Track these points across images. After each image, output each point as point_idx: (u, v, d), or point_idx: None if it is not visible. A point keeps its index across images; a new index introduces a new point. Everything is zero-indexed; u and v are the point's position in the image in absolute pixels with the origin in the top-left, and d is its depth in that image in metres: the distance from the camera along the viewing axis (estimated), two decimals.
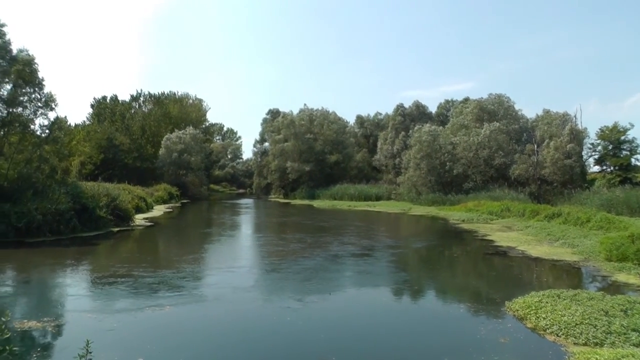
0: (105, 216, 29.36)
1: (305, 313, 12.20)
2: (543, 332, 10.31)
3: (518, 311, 11.78)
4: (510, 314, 11.87)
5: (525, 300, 12.35)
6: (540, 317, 10.96)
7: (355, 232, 30.79)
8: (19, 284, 16.66)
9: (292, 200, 68.10)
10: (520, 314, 11.59)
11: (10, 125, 29.71)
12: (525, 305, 11.92)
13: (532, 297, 12.52)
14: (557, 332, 10.05)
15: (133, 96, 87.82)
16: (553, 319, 10.67)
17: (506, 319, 11.55)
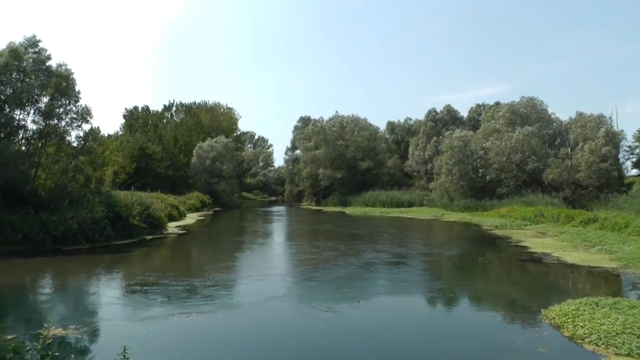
0: (139, 224, 29.81)
1: (338, 321, 12.16)
2: (581, 341, 10.00)
3: (554, 319, 11.47)
4: (547, 322, 11.60)
5: (561, 308, 12.05)
6: (578, 326, 10.62)
7: (388, 239, 30.57)
8: (56, 290, 17.21)
9: (324, 207, 68.10)
10: (557, 322, 11.28)
11: (48, 136, 30.54)
12: (562, 313, 11.61)
13: (568, 304, 12.22)
14: (597, 342, 9.69)
15: (165, 106, 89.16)
16: (592, 327, 10.33)
17: (542, 327, 11.29)
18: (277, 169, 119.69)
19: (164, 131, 78.09)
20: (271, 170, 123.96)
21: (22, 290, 16.80)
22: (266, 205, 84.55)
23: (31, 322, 12.30)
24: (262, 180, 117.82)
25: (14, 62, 28.49)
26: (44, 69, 29.41)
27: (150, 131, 77.33)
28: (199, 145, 73.10)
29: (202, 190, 66.38)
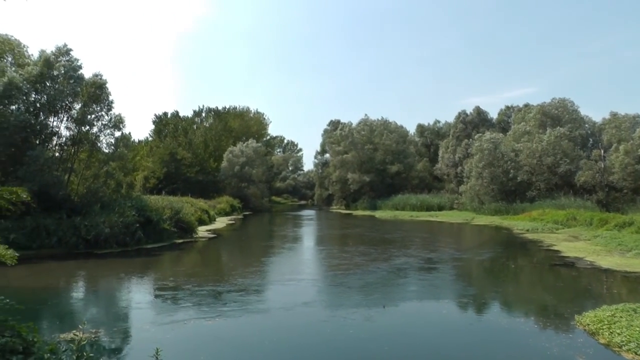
0: (169, 228, 30.14)
1: (368, 326, 12.06)
2: (618, 349, 9.63)
3: (589, 325, 11.14)
4: (581, 328, 11.29)
5: (596, 314, 11.71)
6: (615, 333, 10.24)
7: (418, 243, 30.33)
8: (88, 293, 17.57)
9: (354, 211, 67.92)
10: (592, 328, 10.93)
11: (80, 143, 31.10)
12: (597, 319, 11.26)
13: (604, 311, 11.88)
14: (636, 350, 9.25)
15: (195, 111, 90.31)
16: (630, 335, 9.91)
17: (576, 333, 10.99)
18: (307, 172, 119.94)
19: (194, 136, 78.90)
20: (301, 174, 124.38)
21: (56, 293, 17.13)
22: (296, 209, 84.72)
23: (65, 323, 12.50)
24: (292, 184, 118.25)
25: (47, 70, 29.22)
26: (75, 76, 29.98)
27: (181, 136, 78.19)
28: (229, 149, 73.67)
29: (232, 195, 66.90)
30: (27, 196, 8.52)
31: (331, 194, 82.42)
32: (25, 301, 7.10)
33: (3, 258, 8.55)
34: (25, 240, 23.70)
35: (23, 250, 17.08)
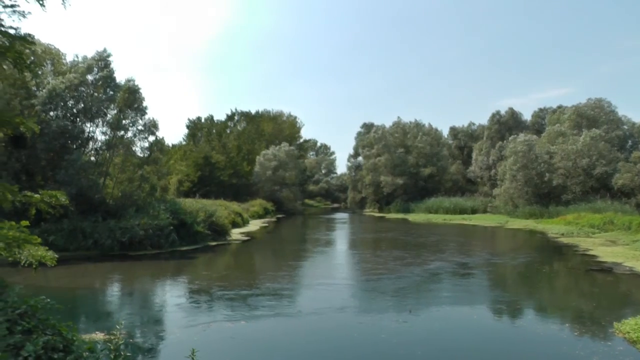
0: (203, 231, 30.57)
1: (400, 331, 12.09)
2: None
3: (629, 333, 10.88)
4: (620, 336, 11.07)
5: (637, 321, 11.46)
6: None
7: (452, 247, 30.05)
8: (123, 294, 18.04)
9: (387, 214, 67.70)
10: (632, 336, 10.69)
11: (115, 147, 31.79)
12: (638, 327, 11.03)
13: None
14: None
15: (228, 115, 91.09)
16: None
17: (615, 341, 10.78)
18: (340, 176, 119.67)
19: (227, 140, 79.60)
20: (334, 177, 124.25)
21: (93, 293, 17.68)
22: (329, 212, 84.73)
23: (101, 323, 12.87)
24: (325, 188, 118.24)
25: (87, 77, 30.34)
26: (112, 83, 30.96)
27: (214, 140, 78.96)
28: (262, 153, 74.18)
29: (265, 198, 67.34)
30: (65, 200, 8.82)
31: (364, 197, 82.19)
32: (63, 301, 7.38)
33: (44, 259, 8.87)
34: (62, 242, 24.53)
35: (61, 251, 17.58)
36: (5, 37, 7.25)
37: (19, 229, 8.67)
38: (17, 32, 7.33)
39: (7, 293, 6.79)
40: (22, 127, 8.47)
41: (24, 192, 8.50)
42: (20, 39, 7.41)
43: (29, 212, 8.86)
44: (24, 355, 5.47)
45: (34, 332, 6.12)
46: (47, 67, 31.75)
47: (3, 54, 7.26)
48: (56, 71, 31.83)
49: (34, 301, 6.76)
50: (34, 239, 8.82)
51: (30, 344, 5.68)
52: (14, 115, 8.89)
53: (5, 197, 8.01)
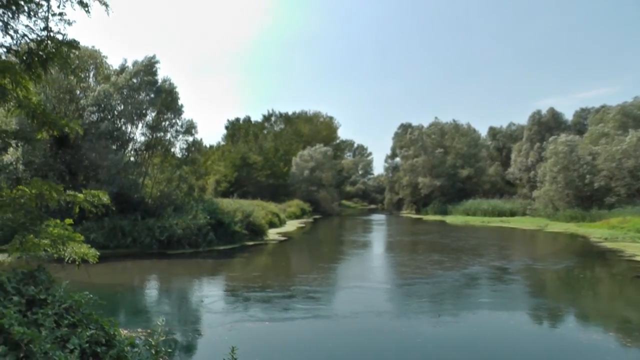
0: (240, 231, 31.05)
1: (436, 336, 12.08)
2: None
3: None
4: None
5: None
6: None
7: (490, 251, 29.58)
8: (162, 291, 18.52)
9: (424, 216, 67.17)
10: None
11: (154, 148, 32.55)
12: None
13: None
14: None
15: (265, 116, 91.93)
16: None
17: None
18: (377, 177, 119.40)
19: (264, 141, 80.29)
20: (371, 178, 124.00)
21: (132, 290, 18.23)
22: (365, 213, 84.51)
23: (140, 319, 13.26)
24: (362, 189, 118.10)
25: (132, 81, 31.43)
26: (155, 87, 31.93)
27: (251, 141, 79.74)
28: (299, 154, 74.69)
29: (302, 198, 67.80)
30: (107, 199, 9.17)
31: (401, 198, 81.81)
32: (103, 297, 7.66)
33: (86, 256, 9.23)
34: (103, 240, 25.38)
35: (101, 249, 18.06)
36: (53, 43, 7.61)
37: (64, 226, 9.07)
38: (64, 38, 7.68)
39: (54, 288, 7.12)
40: (67, 128, 8.84)
41: (68, 191, 8.87)
42: (66, 45, 7.76)
43: (72, 210, 9.23)
44: (70, 347, 5.74)
45: (79, 326, 6.40)
46: (90, 70, 32.71)
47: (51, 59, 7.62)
48: (99, 75, 32.80)
49: (78, 296, 7.05)
50: (78, 236, 9.21)
51: (76, 337, 5.95)
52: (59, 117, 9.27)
53: (52, 196, 8.39)
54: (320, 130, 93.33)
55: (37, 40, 7.59)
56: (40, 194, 8.34)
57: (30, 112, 8.32)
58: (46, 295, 6.71)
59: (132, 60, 32.61)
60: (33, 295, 6.57)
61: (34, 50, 7.55)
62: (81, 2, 7.51)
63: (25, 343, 4.99)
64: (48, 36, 7.61)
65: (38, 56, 7.54)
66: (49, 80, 24.90)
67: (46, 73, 7.93)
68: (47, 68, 7.72)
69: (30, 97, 8.26)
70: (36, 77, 7.93)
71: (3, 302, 5.90)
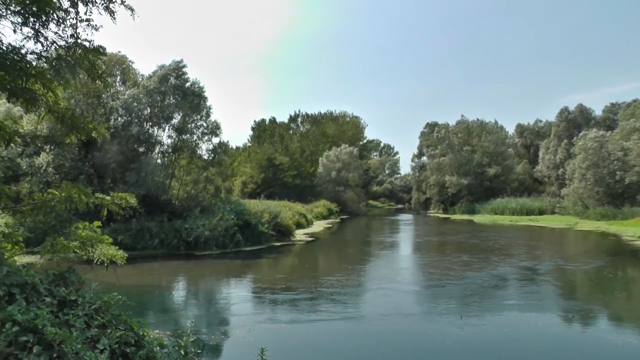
0: (267, 231, 31.32)
1: (465, 338, 12.04)
2: None
3: None
4: None
5: None
6: None
7: (519, 250, 29.27)
8: (189, 292, 18.81)
9: (452, 215, 66.89)
10: None
11: (180, 150, 33.00)
12: None
13: None
14: None
15: (291, 116, 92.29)
16: None
17: None
18: (404, 176, 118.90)
19: (290, 142, 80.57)
20: (397, 178, 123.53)
21: (160, 291, 18.50)
22: (393, 213, 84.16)
23: (167, 320, 13.50)
24: (389, 188, 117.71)
25: (160, 85, 32.01)
26: (182, 91, 32.40)
27: (277, 142, 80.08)
28: (325, 154, 74.84)
29: (328, 199, 67.89)
30: (135, 202, 9.38)
31: (428, 198, 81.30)
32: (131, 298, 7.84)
33: (115, 258, 9.45)
34: (130, 241, 25.88)
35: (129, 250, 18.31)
36: (80, 49, 7.83)
37: (92, 229, 9.30)
38: (91, 44, 7.89)
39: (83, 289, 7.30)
40: (94, 132, 9.07)
41: (97, 194, 9.10)
42: (93, 51, 7.97)
43: (101, 213, 9.45)
44: (100, 348, 5.89)
45: (109, 327, 6.55)
46: (117, 75, 33.31)
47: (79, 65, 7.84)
48: (125, 79, 33.41)
49: (108, 297, 7.21)
50: (106, 238, 9.43)
51: (106, 338, 6.09)
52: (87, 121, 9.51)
53: (81, 199, 8.62)
54: (346, 130, 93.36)
55: (65, 46, 7.81)
56: (69, 197, 8.58)
57: (59, 117, 8.56)
58: (76, 297, 6.88)
59: (159, 65, 33.13)
60: (64, 296, 6.74)
61: (62, 57, 7.77)
62: (107, 7, 7.71)
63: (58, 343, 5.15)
64: (76, 42, 7.82)
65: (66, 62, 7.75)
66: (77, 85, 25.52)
67: (74, 78, 8.15)
68: (75, 73, 7.93)
69: (59, 102, 8.51)
70: (65, 83, 8.16)
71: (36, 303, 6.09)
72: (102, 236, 9.37)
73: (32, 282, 6.54)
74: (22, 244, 9.24)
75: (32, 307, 5.79)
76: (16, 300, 5.80)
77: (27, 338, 5.06)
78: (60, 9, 7.49)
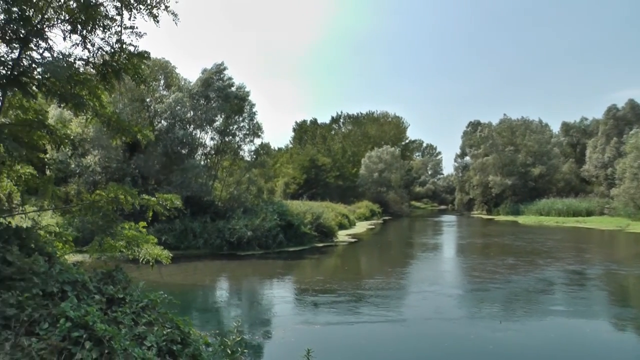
0: (310, 232, 31.55)
1: (509, 343, 11.91)
2: None
3: None
4: None
5: None
6: None
7: (566, 253, 28.44)
8: (233, 292, 19.19)
9: (496, 217, 65.68)
10: None
11: (223, 152, 33.57)
12: None
13: None
14: None
15: (333, 118, 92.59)
16: None
17: None
18: (447, 176, 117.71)
19: (332, 142, 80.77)
20: (440, 179, 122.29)
21: (203, 290, 18.91)
22: (435, 214, 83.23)
23: (211, 318, 13.80)
24: (431, 189, 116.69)
25: (203, 89, 32.81)
26: (225, 94, 32.93)
27: (319, 143, 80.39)
28: (367, 155, 74.74)
29: (371, 200, 67.72)
30: (180, 203, 9.63)
31: (472, 199, 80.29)
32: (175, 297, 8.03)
33: (160, 257, 9.73)
34: (174, 241, 26.43)
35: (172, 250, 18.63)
36: (125, 55, 8.13)
37: (138, 229, 9.60)
38: (135, 50, 8.19)
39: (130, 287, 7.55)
40: (140, 135, 9.37)
41: (142, 195, 9.39)
42: (137, 56, 8.26)
43: (146, 213, 9.74)
44: (147, 345, 6.11)
45: (155, 324, 6.76)
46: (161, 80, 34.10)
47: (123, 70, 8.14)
48: (168, 84, 34.20)
49: (154, 296, 7.45)
50: (151, 238, 9.73)
51: (153, 335, 6.31)
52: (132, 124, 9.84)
53: (127, 200, 8.92)
54: (388, 131, 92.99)
55: (110, 52, 8.12)
56: (116, 198, 8.88)
57: (105, 121, 8.89)
58: (124, 295, 7.12)
59: (202, 68, 33.81)
60: (112, 294, 7.00)
61: (108, 62, 8.09)
62: (151, 13, 7.98)
63: (107, 340, 5.37)
64: (121, 48, 8.12)
65: (112, 67, 8.07)
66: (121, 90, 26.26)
67: (119, 83, 8.46)
68: (120, 78, 8.23)
69: (105, 106, 8.84)
70: (110, 88, 8.49)
71: (86, 300, 6.35)
72: (147, 236, 9.67)
73: (83, 280, 6.82)
74: (72, 243, 9.62)
75: (82, 304, 6.05)
76: (68, 297, 6.07)
77: (79, 333, 5.29)
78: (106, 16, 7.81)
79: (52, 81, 7.64)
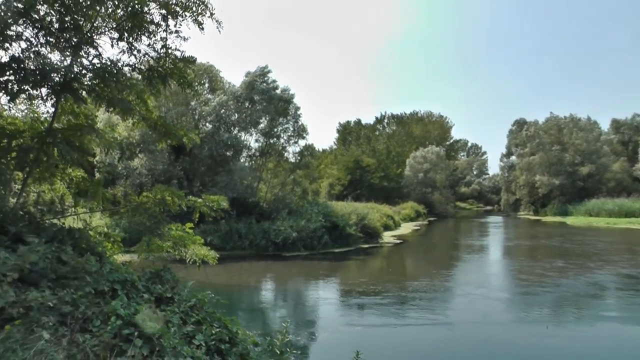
0: (355, 233, 31.56)
1: (558, 349, 11.61)
2: None
3: None
4: None
5: None
6: None
7: (618, 256, 27.45)
8: (278, 292, 19.30)
9: (543, 217, 64.24)
10: None
11: (268, 153, 33.98)
12: None
13: None
14: None
15: (377, 118, 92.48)
16: None
17: None
18: (492, 176, 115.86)
19: (377, 143, 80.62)
20: (486, 179, 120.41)
21: (248, 290, 19.21)
22: (481, 215, 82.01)
23: (256, 318, 14.01)
24: (477, 189, 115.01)
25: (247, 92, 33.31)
26: (269, 96, 33.35)
27: (364, 144, 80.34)
28: (412, 155, 74.37)
29: (416, 200, 67.38)
30: (226, 205, 9.83)
31: (518, 199, 78.83)
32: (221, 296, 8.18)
33: (206, 258, 9.94)
34: (219, 242, 26.75)
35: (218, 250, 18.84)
36: (170, 60, 8.35)
37: (184, 230, 9.83)
38: (181, 54, 8.41)
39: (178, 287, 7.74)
40: (185, 138, 9.61)
41: (189, 197, 9.62)
42: (182, 60, 8.48)
43: (193, 215, 9.97)
44: (195, 343, 6.26)
45: (204, 324, 6.90)
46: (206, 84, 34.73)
47: (169, 75, 8.36)
48: (214, 87, 34.83)
49: (202, 295, 7.60)
50: (198, 239, 9.95)
51: (201, 334, 6.46)
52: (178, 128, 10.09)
53: (173, 202, 9.15)
54: (432, 130, 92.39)
55: (156, 57, 8.35)
56: (162, 199, 9.12)
57: (151, 124, 9.15)
58: (172, 294, 7.30)
59: (245, 71, 34.26)
60: (160, 293, 7.18)
61: (154, 67, 8.32)
62: (196, 20, 8.17)
63: (157, 338, 5.53)
64: (166, 53, 8.35)
65: (158, 72, 8.29)
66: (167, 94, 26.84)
67: (165, 88, 8.69)
68: (166, 83, 8.45)
69: (151, 110, 9.09)
70: (156, 92, 8.73)
71: (135, 299, 6.54)
72: (194, 237, 9.89)
73: (132, 279, 7.03)
74: (120, 243, 9.91)
75: (132, 302, 6.25)
76: (118, 295, 6.28)
77: (129, 331, 5.47)
78: (152, 22, 8.04)
79: (101, 86, 7.92)
